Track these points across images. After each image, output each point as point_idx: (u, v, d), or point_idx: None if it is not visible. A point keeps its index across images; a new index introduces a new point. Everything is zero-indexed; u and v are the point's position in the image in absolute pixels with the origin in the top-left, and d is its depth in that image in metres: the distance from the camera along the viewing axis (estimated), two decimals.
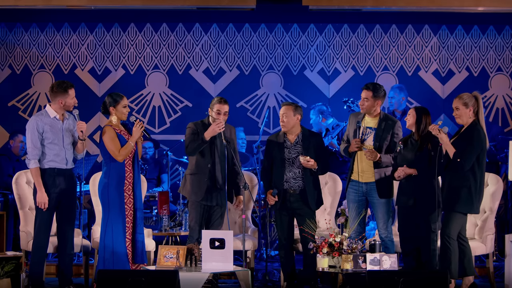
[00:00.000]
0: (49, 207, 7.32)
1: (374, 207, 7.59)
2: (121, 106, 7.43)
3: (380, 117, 7.59)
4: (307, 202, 7.56)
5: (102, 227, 7.41)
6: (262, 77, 10.78)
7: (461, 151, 7.05)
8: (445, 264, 7.12)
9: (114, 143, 7.33)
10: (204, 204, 7.63)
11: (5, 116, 10.66)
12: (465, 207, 7.12)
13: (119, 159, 7.33)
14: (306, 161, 7.46)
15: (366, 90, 7.56)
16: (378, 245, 7.10)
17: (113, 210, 7.34)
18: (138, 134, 7.38)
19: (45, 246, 7.39)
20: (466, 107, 7.17)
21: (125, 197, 7.36)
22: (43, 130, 7.30)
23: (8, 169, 9.53)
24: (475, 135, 7.10)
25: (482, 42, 10.68)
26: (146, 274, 6.48)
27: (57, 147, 7.34)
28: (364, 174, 7.55)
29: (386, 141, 7.53)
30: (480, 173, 7.14)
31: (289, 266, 7.71)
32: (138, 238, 7.38)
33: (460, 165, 7.04)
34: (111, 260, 7.27)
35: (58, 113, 7.39)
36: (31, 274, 7.37)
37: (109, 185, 7.37)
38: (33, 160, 7.29)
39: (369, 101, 7.55)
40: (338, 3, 9.68)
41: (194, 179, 7.66)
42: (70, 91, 7.38)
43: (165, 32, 10.75)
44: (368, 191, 7.57)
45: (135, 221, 7.41)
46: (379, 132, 7.53)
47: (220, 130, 7.51)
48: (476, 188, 7.13)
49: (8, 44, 10.70)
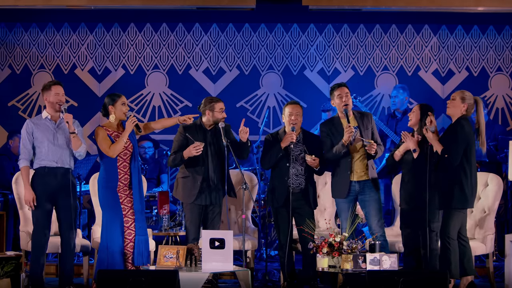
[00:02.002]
0: (42, 206, 7.31)
1: (367, 205, 7.58)
2: (120, 104, 7.42)
3: (355, 115, 7.69)
4: (308, 201, 7.59)
5: (101, 227, 7.44)
6: (262, 77, 10.78)
7: (448, 147, 7.08)
8: (445, 264, 7.12)
9: (104, 141, 7.33)
10: (199, 204, 7.64)
11: (5, 116, 10.67)
12: (459, 202, 7.12)
13: (110, 155, 7.31)
14: (312, 160, 7.50)
15: (345, 88, 7.67)
16: (378, 245, 7.10)
17: (108, 210, 7.34)
18: (130, 128, 7.36)
19: (44, 245, 7.38)
20: (462, 102, 7.20)
21: (121, 197, 7.33)
22: (33, 130, 7.35)
23: (8, 169, 9.53)
24: (459, 130, 7.12)
25: (482, 42, 10.68)
26: (146, 274, 6.48)
27: (47, 146, 7.33)
28: (356, 173, 7.58)
29: (370, 134, 7.61)
30: (470, 168, 7.14)
31: (289, 266, 7.71)
32: (139, 239, 7.38)
33: (448, 161, 7.07)
34: (107, 260, 7.26)
35: (50, 113, 7.39)
36: (31, 274, 7.37)
37: (101, 185, 7.40)
38: (22, 159, 7.37)
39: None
40: (338, 3, 9.68)
41: (185, 181, 7.67)
42: (54, 87, 7.37)
43: (165, 32, 10.75)
44: (361, 189, 7.58)
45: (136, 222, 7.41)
46: (362, 128, 7.62)
47: (197, 153, 7.52)
48: (468, 182, 7.12)
49: (8, 44, 10.70)
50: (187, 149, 7.54)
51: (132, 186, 7.39)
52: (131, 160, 7.41)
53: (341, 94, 7.64)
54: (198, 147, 7.51)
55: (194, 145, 7.52)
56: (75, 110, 10.50)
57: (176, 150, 7.66)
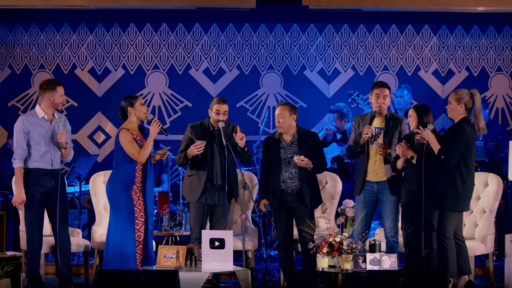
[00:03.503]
0: (36, 206, 7.34)
1: (384, 206, 7.60)
2: (139, 104, 7.43)
3: (387, 117, 7.64)
4: (304, 202, 7.58)
5: (109, 228, 7.41)
6: (262, 77, 10.78)
7: (445, 147, 7.08)
8: (443, 264, 7.12)
9: (132, 145, 7.30)
10: (204, 203, 7.66)
11: (5, 116, 10.66)
12: (452, 203, 7.10)
13: (140, 160, 7.31)
14: (300, 160, 7.49)
15: (385, 88, 7.63)
16: (378, 245, 7.10)
17: (123, 213, 7.33)
18: (155, 133, 7.38)
19: (38, 245, 7.39)
20: (458, 103, 7.20)
21: (134, 200, 7.35)
22: (29, 130, 7.32)
23: (8, 169, 9.51)
24: (459, 132, 7.11)
25: (482, 42, 10.68)
26: (146, 274, 6.48)
27: (43, 148, 7.33)
28: (375, 173, 7.59)
29: (395, 138, 7.59)
30: (467, 171, 7.13)
31: (289, 266, 7.72)
32: (149, 243, 7.40)
33: (444, 162, 7.07)
34: (119, 261, 7.26)
35: (46, 113, 7.38)
36: (29, 273, 7.37)
37: (117, 187, 7.36)
38: (17, 159, 7.36)
39: (386, 98, 7.62)
40: (338, 3, 9.68)
41: (191, 180, 7.72)
42: (59, 88, 7.37)
43: (165, 32, 10.74)
44: (380, 190, 7.59)
45: (147, 225, 7.42)
46: (388, 130, 7.59)
47: (199, 153, 7.53)
48: (463, 185, 7.11)
49: (8, 44, 10.69)
50: (190, 148, 7.57)
51: (146, 189, 7.41)
52: (146, 163, 7.42)
53: (378, 94, 7.62)
54: (199, 145, 7.53)
55: (195, 144, 7.54)
56: (75, 110, 10.54)
57: (182, 149, 7.72)
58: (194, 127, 7.74)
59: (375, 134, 7.59)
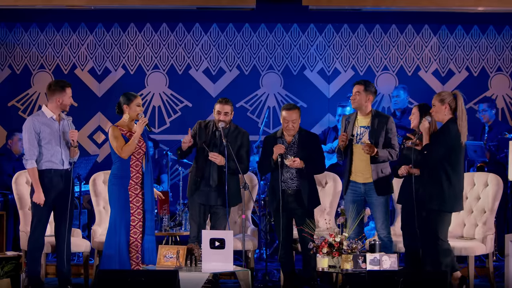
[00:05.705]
0: (46, 207, 7.34)
1: (373, 207, 7.60)
2: (135, 104, 7.45)
3: (372, 115, 7.63)
4: (302, 203, 7.58)
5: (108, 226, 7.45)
6: (262, 77, 10.78)
7: (430, 145, 7.10)
8: (436, 265, 7.11)
9: (117, 140, 7.35)
10: (200, 203, 7.66)
11: (5, 116, 10.66)
12: (437, 204, 7.08)
13: (123, 156, 7.35)
14: (292, 162, 7.48)
15: (358, 85, 7.64)
16: (378, 245, 7.10)
17: (116, 207, 7.37)
18: (141, 130, 7.40)
19: (41, 245, 7.40)
20: (442, 104, 7.21)
21: (131, 196, 7.37)
22: (40, 130, 7.31)
23: (8, 169, 9.52)
24: (445, 132, 7.13)
25: (482, 42, 10.68)
26: (146, 274, 6.48)
27: (54, 148, 7.34)
28: (361, 174, 7.56)
29: (381, 137, 7.55)
30: (453, 171, 7.11)
31: (289, 266, 7.72)
32: (146, 239, 7.41)
33: (426, 157, 7.07)
34: (110, 258, 7.29)
35: (54, 114, 7.39)
36: (29, 273, 7.37)
37: (111, 182, 7.43)
38: (30, 160, 7.31)
39: (360, 94, 7.59)
40: (338, 3, 9.67)
41: (190, 177, 7.79)
42: (68, 89, 7.39)
43: (165, 32, 10.74)
44: (367, 191, 7.57)
45: (144, 222, 7.42)
46: (373, 129, 7.56)
47: (185, 146, 7.61)
48: (449, 186, 7.09)
49: (8, 44, 10.70)
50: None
51: (144, 185, 7.43)
52: (143, 159, 7.44)
53: (353, 91, 7.64)
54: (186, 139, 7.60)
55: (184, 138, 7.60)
56: (75, 110, 10.53)
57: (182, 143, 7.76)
58: (200, 124, 7.77)
59: (360, 133, 7.58)
